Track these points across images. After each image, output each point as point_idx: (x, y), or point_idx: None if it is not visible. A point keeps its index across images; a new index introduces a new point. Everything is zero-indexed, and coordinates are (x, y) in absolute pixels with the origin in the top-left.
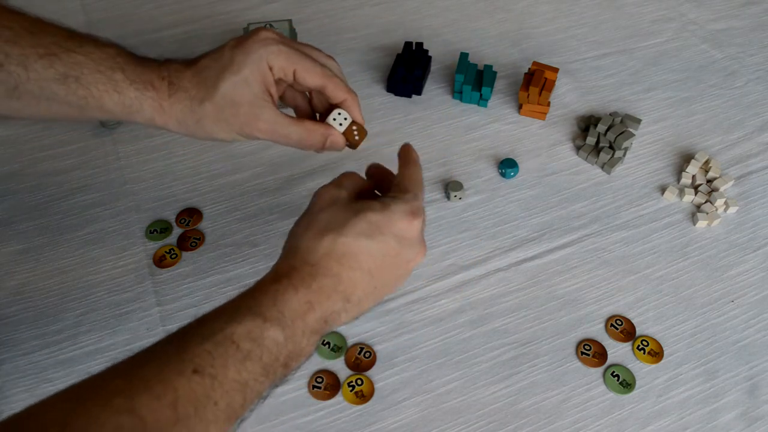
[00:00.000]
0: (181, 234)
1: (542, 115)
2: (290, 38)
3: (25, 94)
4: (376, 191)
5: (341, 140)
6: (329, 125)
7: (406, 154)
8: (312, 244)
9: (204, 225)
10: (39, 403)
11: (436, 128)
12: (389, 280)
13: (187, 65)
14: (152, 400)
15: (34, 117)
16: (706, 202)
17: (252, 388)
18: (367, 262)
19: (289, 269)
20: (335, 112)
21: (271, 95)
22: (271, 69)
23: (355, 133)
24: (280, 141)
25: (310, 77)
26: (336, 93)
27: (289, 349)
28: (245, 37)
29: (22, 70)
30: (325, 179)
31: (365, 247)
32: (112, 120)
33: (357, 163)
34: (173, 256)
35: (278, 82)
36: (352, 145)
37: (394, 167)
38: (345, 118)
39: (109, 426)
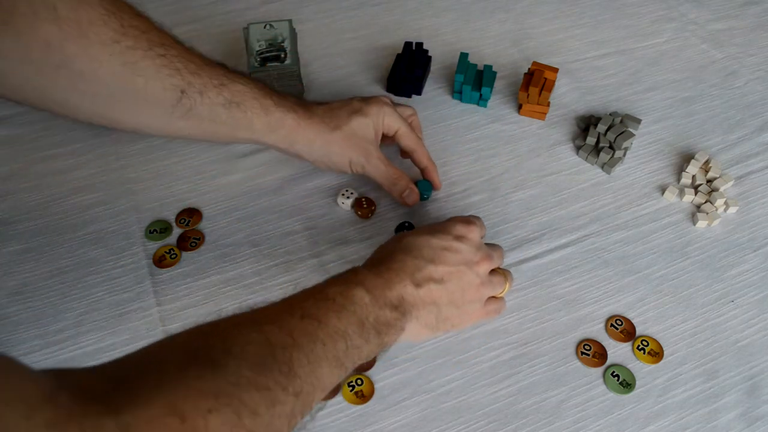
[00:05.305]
0: (180, 234)
1: (542, 115)
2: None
3: (195, 116)
4: None
5: (417, 196)
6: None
7: None
8: (385, 247)
9: (204, 225)
10: (194, 326)
11: (436, 128)
12: (456, 277)
13: (320, 103)
14: (274, 327)
15: (190, 136)
16: (706, 202)
17: (352, 340)
18: (429, 253)
19: (364, 263)
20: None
21: (378, 141)
22: (383, 122)
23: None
24: (377, 176)
25: (406, 140)
26: (421, 159)
27: (376, 314)
28: (369, 97)
29: (198, 96)
30: (324, 179)
31: (426, 240)
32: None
33: None
34: (173, 256)
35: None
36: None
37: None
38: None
39: (242, 338)
